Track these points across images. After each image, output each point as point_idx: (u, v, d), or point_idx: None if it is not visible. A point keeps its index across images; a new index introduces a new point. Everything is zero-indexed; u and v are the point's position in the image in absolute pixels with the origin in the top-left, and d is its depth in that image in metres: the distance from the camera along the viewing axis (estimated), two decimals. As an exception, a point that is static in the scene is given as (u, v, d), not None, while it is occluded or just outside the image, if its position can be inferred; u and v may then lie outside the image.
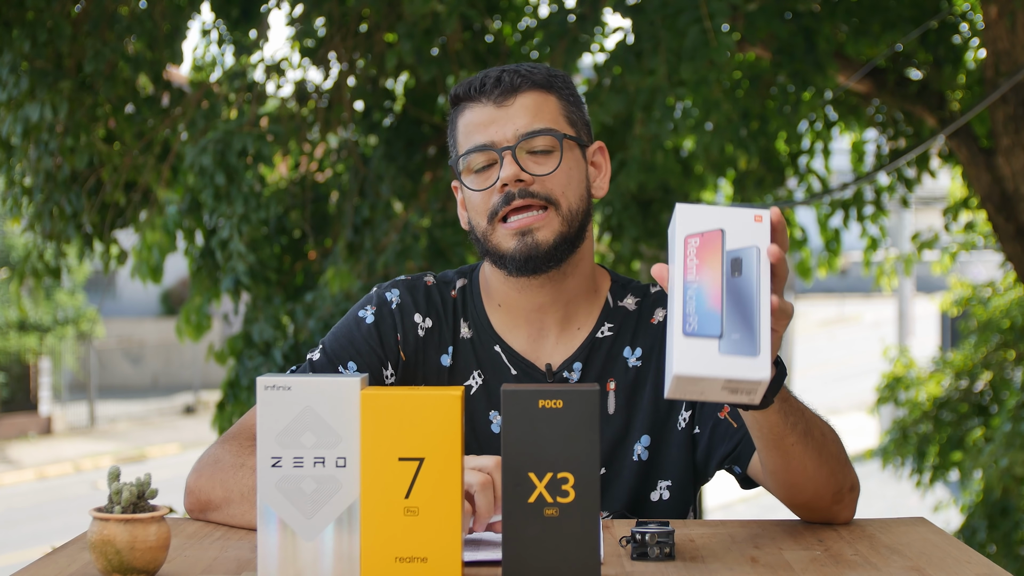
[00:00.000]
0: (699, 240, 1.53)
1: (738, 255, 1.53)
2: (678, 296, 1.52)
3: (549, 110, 1.94)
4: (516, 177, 1.90)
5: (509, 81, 1.92)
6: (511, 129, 1.91)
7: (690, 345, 1.49)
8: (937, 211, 9.28)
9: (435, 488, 1.50)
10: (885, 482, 12.27)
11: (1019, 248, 5.34)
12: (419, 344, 2.00)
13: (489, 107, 1.92)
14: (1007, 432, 6.62)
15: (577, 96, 2.01)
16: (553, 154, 1.92)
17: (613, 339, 2.00)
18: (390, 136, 5.92)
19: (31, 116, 4.94)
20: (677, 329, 1.50)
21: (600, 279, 2.05)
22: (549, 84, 1.95)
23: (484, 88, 1.93)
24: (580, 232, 1.95)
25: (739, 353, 1.49)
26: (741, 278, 1.52)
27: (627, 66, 4.45)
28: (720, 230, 1.53)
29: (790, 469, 1.77)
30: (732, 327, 1.50)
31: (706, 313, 1.51)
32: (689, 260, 1.53)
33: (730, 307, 1.51)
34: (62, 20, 4.97)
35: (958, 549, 1.70)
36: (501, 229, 1.92)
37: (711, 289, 1.52)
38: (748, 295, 1.51)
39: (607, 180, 2.02)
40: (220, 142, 5.00)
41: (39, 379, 20.65)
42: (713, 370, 1.49)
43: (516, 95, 1.92)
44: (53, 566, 1.64)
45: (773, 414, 1.70)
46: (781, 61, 5.27)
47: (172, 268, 6.44)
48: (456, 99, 1.98)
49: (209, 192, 5.05)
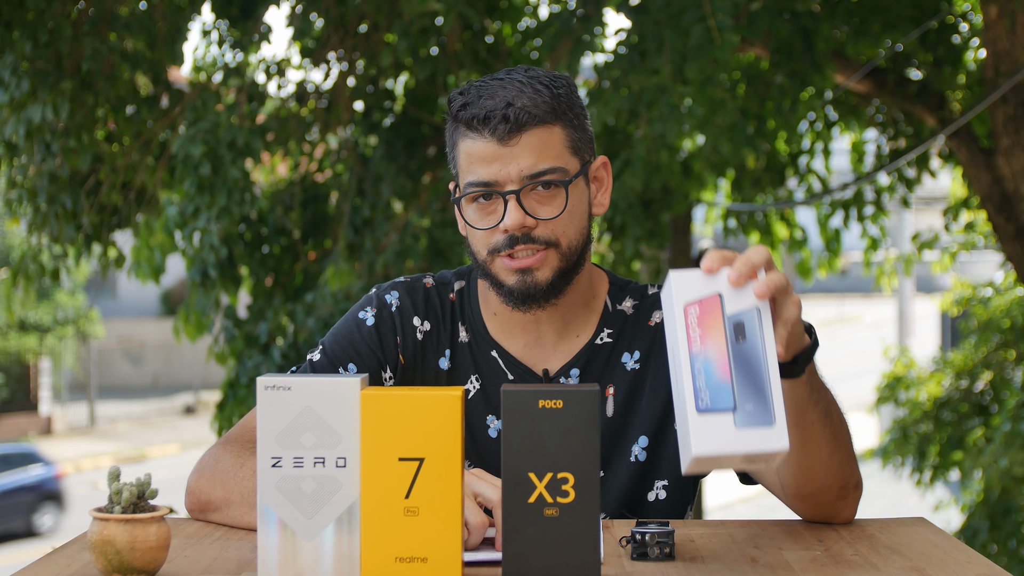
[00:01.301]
0: (698, 308, 1.51)
1: (739, 319, 1.51)
2: (686, 370, 1.49)
3: (555, 145, 1.88)
4: (521, 225, 1.86)
5: (515, 118, 1.85)
6: (515, 169, 1.86)
7: (706, 423, 1.48)
8: (937, 211, 9.29)
9: (435, 488, 1.50)
10: (885, 482, 12.27)
11: (1019, 248, 5.34)
12: (418, 348, 1.99)
13: (492, 143, 1.86)
14: (1007, 432, 6.62)
15: (581, 110, 1.94)
16: (558, 195, 1.88)
17: (612, 345, 1.99)
18: (390, 136, 5.93)
19: (33, 117, 4.95)
20: (690, 406, 1.48)
21: (598, 283, 2.03)
22: (555, 114, 1.88)
23: (489, 123, 1.85)
24: (578, 263, 1.93)
25: (755, 425, 1.48)
26: (746, 343, 1.50)
27: (631, 66, 4.45)
28: (718, 295, 1.52)
29: (806, 450, 1.76)
30: (744, 397, 1.48)
31: (716, 385, 1.49)
32: (692, 331, 1.50)
33: (739, 376, 1.49)
34: (63, 21, 4.98)
35: (958, 549, 1.70)
36: (500, 262, 1.90)
37: (718, 359, 1.50)
38: (755, 361, 1.50)
39: (608, 195, 1.99)
40: (209, 132, 5.00)
41: (39, 379, 20.66)
42: (733, 447, 1.47)
43: (521, 133, 1.86)
44: (53, 566, 1.64)
45: (802, 385, 1.69)
46: (780, 61, 5.27)
47: (172, 268, 6.44)
48: (455, 117, 1.90)
49: (192, 181, 5.04)
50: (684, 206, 7.60)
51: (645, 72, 4.43)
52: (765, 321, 1.51)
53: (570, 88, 1.92)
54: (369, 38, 5.63)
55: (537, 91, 1.87)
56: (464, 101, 1.88)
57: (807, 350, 1.66)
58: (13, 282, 5.71)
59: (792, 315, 1.57)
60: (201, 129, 5.03)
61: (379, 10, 5.37)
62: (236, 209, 5.07)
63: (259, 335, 5.67)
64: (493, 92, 1.87)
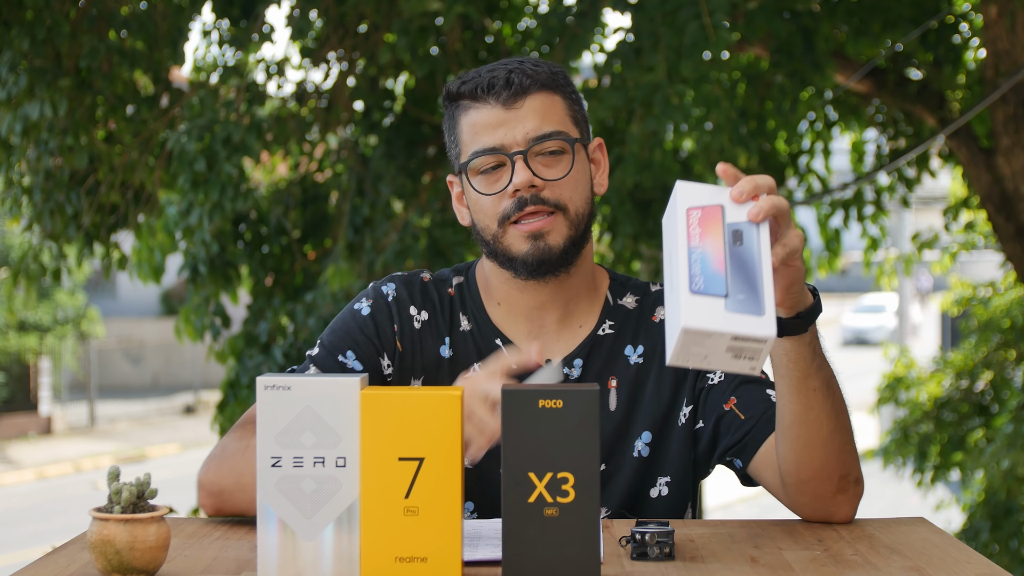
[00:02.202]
0: (700, 212, 1.56)
1: (739, 227, 1.56)
2: (683, 259, 1.53)
3: (557, 111, 1.93)
4: (529, 183, 1.89)
5: (519, 82, 1.90)
6: (521, 132, 1.90)
7: (697, 302, 1.50)
8: (937, 211, 9.28)
9: (435, 488, 1.50)
10: (885, 482, 12.27)
11: (1019, 248, 5.34)
12: (416, 335, 2.00)
13: (497, 109, 1.91)
14: (1009, 433, 6.62)
15: (578, 93, 2.01)
16: (564, 157, 1.92)
17: (614, 337, 2.00)
18: (390, 136, 5.92)
19: (30, 115, 4.94)
20: (683, 287, 1.51)
21: (599, 278, 2.05)
22: (555, 83, 1.94)
23: (493, 89, 1.91)
24: (586, 232, 1.96)
25: (745, 312, 1.51)
26: (743, 247, 1.54)
27: (627, 63, 4.46)
28: (720, 205, 1.57)
29: (807, 421, 1.76)
30: (737, 288, 1.52)
31: (711, 274, 1.52)
32: (692, 229, 1.55)
33: (734, 271, 1.53)
34: (61, 19, 4.97)
35: (958, 549, 1.70)
36: (513, 231, 1.92)
37: (715, 254, 1.53)
38: (751, 261, 1.54)
39: (606, 176, 2.03)
40: (205, 128, 5.00)
41: (39, 379, 20.65)
42: (721, 325, 1.49)
43: (525, 97, 1.91)
44: (53, 566, 1.64)
45: (804, 346, 1.71)
46: (780, 60, 5.27)
47: (172, 268, 6.44)
48: (456, 95, 1.95)
49: (187, 177, 5.04)
50: (684, 206, 7.58)
51: (640, 69, 4.44)
52: (763, 234, 1.55)
53: (566, 74, 1.99)
54: (369, 38, 5.62)
55: (537, 65, 1.94)
56: (463, 80, 1.94)
57: (810, 309, 1.68)
58: (14, 282, 5.71)
59: (792, 242, 1.60)
60: (197, 125, 5.02)
61: (379, 10, 5.37)
62: (229, 205, 5.07)
63: (259, 335, 5.67)
64: (492, 67, 1.94)
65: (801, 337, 1.69)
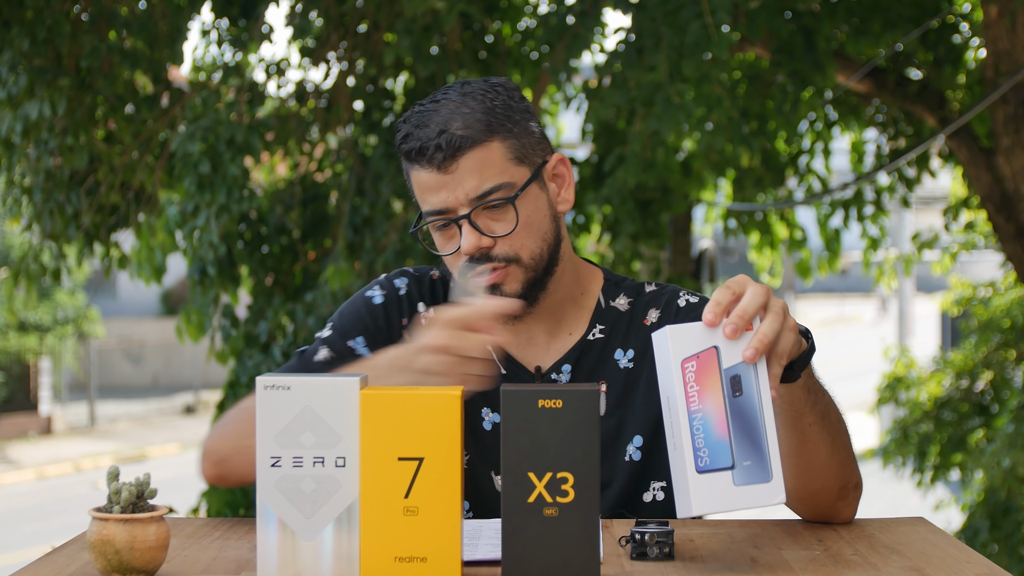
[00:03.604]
0: (696, 363, 1.55)
1: (736, 372, 1.55)
2: (685, 429, 1.54)
3: (495, 162, 1.88)
4: (476, 248, 1.89)
5: (447, 146, 1.86)
6: (462, 193, 1.88)
7: (706, 482, 1.54)
8: (937, 211, 9.28)
9: (435, 488, 1.50)
10: (885, 482, 12.27)
11: (1019, 248, 5.34)
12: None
13: (434, 172, 1.88)
14: (1009, 433, 6.61)
15: (523, 115, 1.93)
16: (509, 211, 1.90)
17: (604, 341, 1.99)
18: (390, 136, 5.92)
19: (30, 114, 4.94)
20: (690, 467, 1.54)
21: (589, 280, 2.03)
22: (490, 130, 1.88)
23: (424, 154, 1.88)
24: (550, 264, 1.94)
25: (753, 481, 1.55)
26: (742, 397, 1.55)
27: (628, 62, 4.45)
28: (714, 348, 1.56)
29: (804, 452, 1.77)
30: (742, 454, 1.54)
31: (715, 444, 1.54)
32: (690, 388, 1.55)
33: (737, 432, 1.55)
34: (61, 19, 4.97)
35: (958, 549, 1.70)
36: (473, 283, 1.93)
37: (716, 415, 1.55)
38: (752, 415, 1.55)
39: (572, 191, 1.99)
40: (208, 130, 5.00)
41: (39, 379, 20.65)
42: (731, 504, 1.54)
43: (457, 159, 1.87)
44: (53, 566, 1.64)
45: (798, 389, 1.71)
46: (780, 60, 5.27)
47: (172, 268, 6.44)
48: (399, 148, 1.93)
49: (192, 180, 5.04)
50: (684, 206, 7.59)
51: (642, 69, 4.43)
52: (761, 370, 1.56)
53: (508, 95, 1.93)
54: (369, 37, 5.62)
55: (471, 109, 1.88)
56: (404, 132, 1.91)
57: (803, 356, 1.68)
58: (14, 282, 5.71)
59: (788, 344, 1.60)
60: (200, 127, 5.03)
61: (379, 9, 5.37)
62: (235, 207, 5.07)
63: (259, 335, 5.67)
64: (428, 120, 1.88)
65: (795, 382, 1.70)
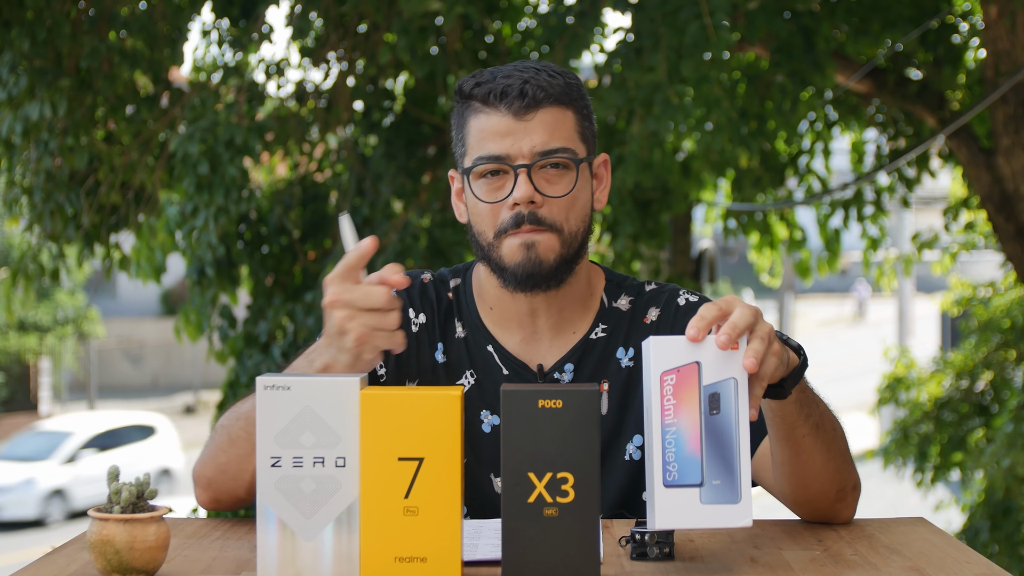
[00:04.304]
0: (675, 377, 1.53)
1: (715, 389, 1.53)
2: (657, 442, 1.52)
3: (567, 127, 1.90)
4: (529, 199, 1.87)
5: (532, 94, 1.87)
6: (528, 145, 1.87)
7: (672, 497, 1.52)
8: (937, 211, 9.28)
9: (434, 488, 1.50)
10: (885, 482, 12.27)
11: (1019, 248, 5.34)
12: (412, 340, 2.00)
13: (507, 117, 1.88)
14: (1009, 433, 6.61)
15: (590, 107, 1.98)
16: (567, 175, 1.90)
17: (607, 340, 1.99)
18: (390, 136, 5.92)
19: (31, 115, 4.94)
20: (658, 480, 1.52)
21: (595, 280, 2.04)
22: (569, 98, 1.91)
23: (505, 97, 1.87)
24: (579, 250, 1.94)
25: (720, 501, 1.52)
26: (719, 416, 1.53)
27: (627, 63, 4.45)
28: (696, 363, 1.54)
29: (799, 461, 1.77)
30: (712, 473, 1.52)
31: (685, 459, 1.52)
32: (666, 400, 1.53)
33: (710, 450, 1.52)
34: (62, 19, 4.98)
35: (958, 549, 1.70)
36: (508, 241, 1.90)
37: (690, 431, 1.53)
38: (727, 434, 1.52)
39: (606, 193, 2.01)
40: (207, 131, 5.00)
41: (39, 379, 20.65)
42: (695, 522, 1.52)
43: (537, 109, 1.88)
44: (53, 566, 1.64)
45: (790, 404, 1.71)
46: (780, 60, 5.27)
47: (172, 268, 6.44)
48: (468, 95, 1.92)
49: (191, 180, 5.04)
50: (683, 206, 7.59)
51: (641, 69, 4.43)
52: (741, 391, 1.53)
53: (580, 83, 1.96)
54: (369, 37, 5.62)
55: (552, 76, 1.91)
56: (478, 80, 1.91)
57: (794, 372, 1.68)
58: (13, 282, 5.71)
59: (770, 368, 1.58)
60: (200, 128, 5.03)
61: (379, 9, 5.37)
62: (234, 208, 5.07)
63: (259, 335, 5.67)
64: (509, 72, 1.90)
65: (787, 398, 1.70)
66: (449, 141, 5.93)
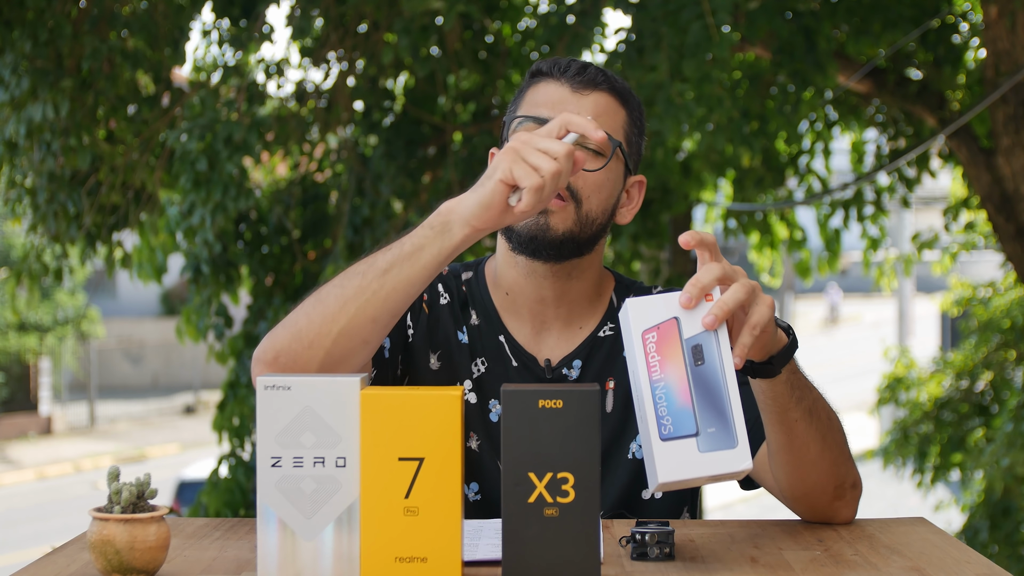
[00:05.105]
0: (656, 334, 1.54)
1: (697, 341, 1.54)
2: (648, 399, 1.53)
3: (617, 120, 1.94)
4: None
5: (594, 75, 1.94)
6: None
7: (670, 450, 1.52)
8: (937, 211, 9.29)
9: (435, 488, 1.50)
10: (885, 482, 12.28)
11: (1019, 248, 5.34)
12: (440, 310, 2.02)
13: (565, 89, 1.93)
14: (1008, 432, 6.62)
15: (644, 127, 2.01)
16: (601, 157, 1.91)
17: (614, 339, 2.01)
18: (390, 136, 5.92)
19: (34, 116, 4.95)
20: (654, 435, 1.52)
21: (606, 282, 2.06)
22: (626, 99, 1.96)
23: (568, 71, 1.93)
24: (591, 240, 1.95)
25: (718, 448, 1.53)
26: (704, 366, 1.54)
27: (629, 62, 4.46)
28: (675, 319, 1.55)
29: (792, 448, 1.77)
30: (706, 421, 1.53)
31: (678, 411, 1.53)
32: (651, 358, 1.54)
33: (700, 400, 1.53)
34: (63, 20, 4.98)
35: (958, 549, 1.70)
36: None
37: (678, 384, 1.53)
38: (715, 382, 1.53)
39: (633, 213, 2.03)
40: (206, 128, 5.00)
41: (39, 379, 20.66)
42: (697, 471, 1.53)
43: (594, 89, 1.93)
44: (53, 566, 1.64)
45: (780, 384, 1.70)
46: (781, 61, 5.27)
47: (172, 268, 6.44)
48: (536, 72, 1.97)
49: (189, 177, 5.05)
50: (684, 206, 7.60)
51: (643, 69, 4.44)
52: (722, 339, 1.54)
53: (641, 107, 2.01)
54: (369, 37, 5.63)
55: (617, 78, 1.97)
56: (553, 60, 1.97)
57: (784, 350, 1.68)
58: (16, 282, 5.71)
59: (762, 317, 1.59)
60: (198, 125, 5.03)
61: (379, 9, 5.37)
62: (231, 205, 5.07)
63: (259, 335, 5.67)
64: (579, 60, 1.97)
65: (776, 377, 1.70)
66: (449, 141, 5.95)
